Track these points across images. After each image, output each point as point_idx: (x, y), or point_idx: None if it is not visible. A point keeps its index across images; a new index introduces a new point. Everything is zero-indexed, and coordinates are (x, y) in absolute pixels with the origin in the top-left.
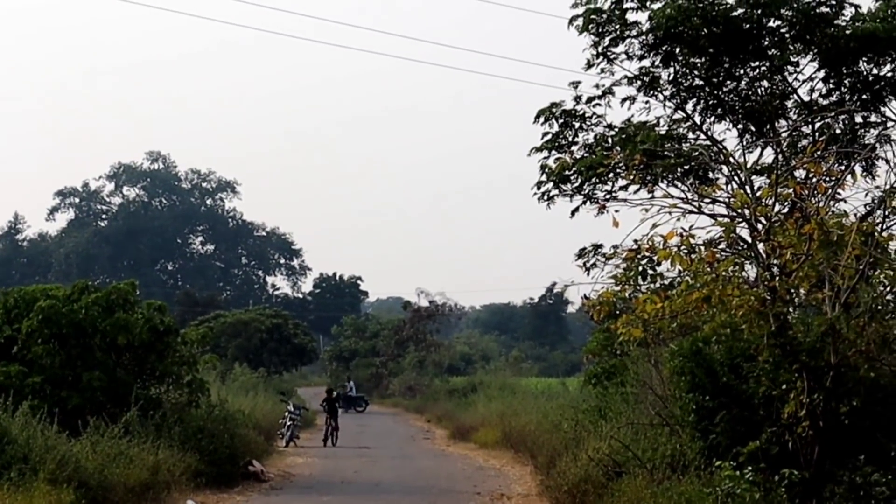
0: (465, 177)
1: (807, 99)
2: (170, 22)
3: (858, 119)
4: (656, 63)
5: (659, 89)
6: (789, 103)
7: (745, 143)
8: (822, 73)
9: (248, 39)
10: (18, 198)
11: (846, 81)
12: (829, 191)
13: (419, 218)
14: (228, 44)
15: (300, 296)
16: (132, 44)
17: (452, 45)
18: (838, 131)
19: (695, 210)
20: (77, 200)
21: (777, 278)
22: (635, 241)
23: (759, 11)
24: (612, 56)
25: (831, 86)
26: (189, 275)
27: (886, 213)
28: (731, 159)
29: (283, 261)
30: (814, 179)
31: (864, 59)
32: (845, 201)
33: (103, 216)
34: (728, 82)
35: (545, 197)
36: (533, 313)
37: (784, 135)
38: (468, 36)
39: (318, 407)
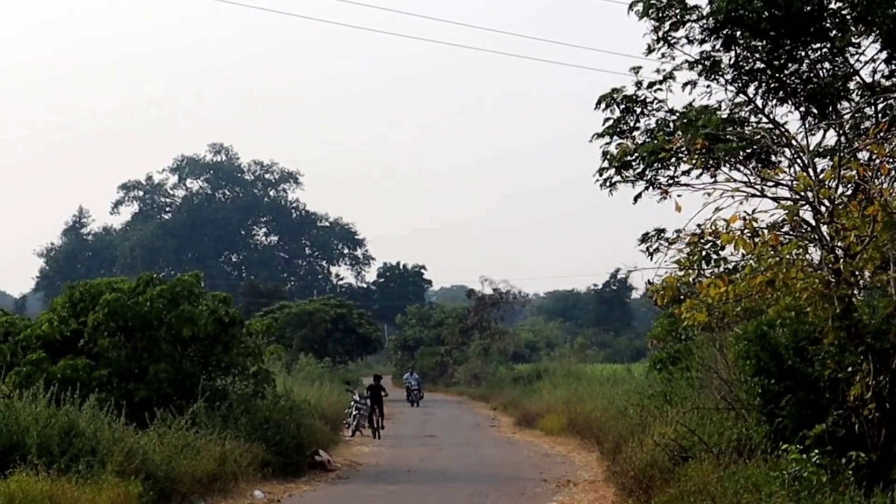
0: (526, 166)
1: (869, 80)
2: (236, 22)
3: None
4: (717, 47)
5: (720, 73)
6: (851, 85)
7: (807, 125)
8: (884, 55)
9: (315, 34)
10: (83, 192)
11: None
12: (893, 172)
13: (482, 206)
14: (294, 41)
15: (364, 286)
16: (199, 44)
17: (519, 33)
18: None
19: (757, 193)
20: (141, 193)
21: (841, 261)
22: (698, 225)
23: None
24: (673, 41)
25: (894, 67)
26: (253, 266)
27: None
28: (794, 142)
29: (346, 251)
30: (877, 161)
31: None
32: None
33: (167, 209)
34: (790, 65)
35: (607, 183)
36: (597, 300)
37: (846, 117)
38: (534, 26)
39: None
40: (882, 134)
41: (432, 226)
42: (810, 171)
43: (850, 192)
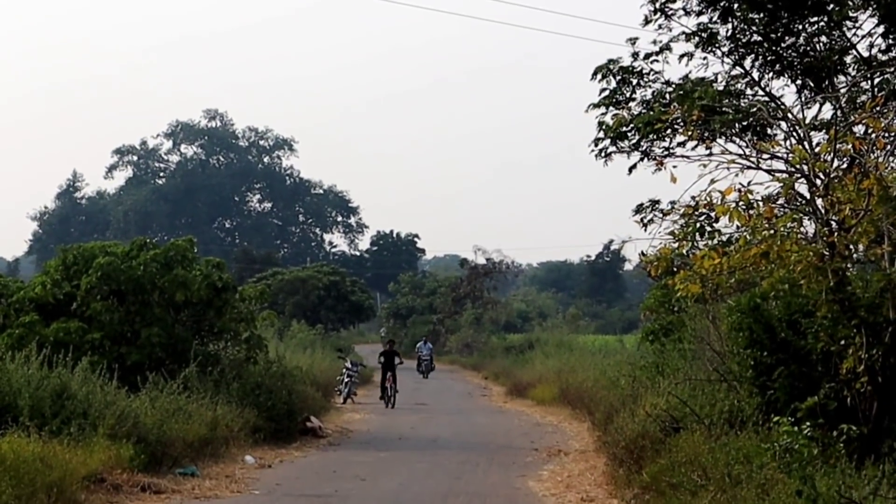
0: (520, 137)
1: (866, 54)
2: None
3: None
4: (714, 19)
5: (717, 45)
6: (848, 59)
7: (803, 98)
8: (881, 29)
9: (311, 2)
10: (77, 156)
11: None
12: (889, 146)
13: (477, 175)
14: (291, 9)
15: (357, 253)
16: (196, 11)
17: (515, 2)
18: None
19: (753, 166)
20: (135, 158)
21: (836, 234)
22: (693, 197)
23: None
24: (670, 12)
25: (891, 41)
26: (246, 233)
27: None
28: (790, 115)
29: (340, 218)
30: (873, 135)
31: None
32: None
33: (161, 174)
34: (786, 38)
35: (602, 154)
36: (590, 271)
37: (843, 90)
38: None
39: (376, 364)
40: (878, 108)
41: (426, 195)
42: (806, 144)
43: (845, 165)
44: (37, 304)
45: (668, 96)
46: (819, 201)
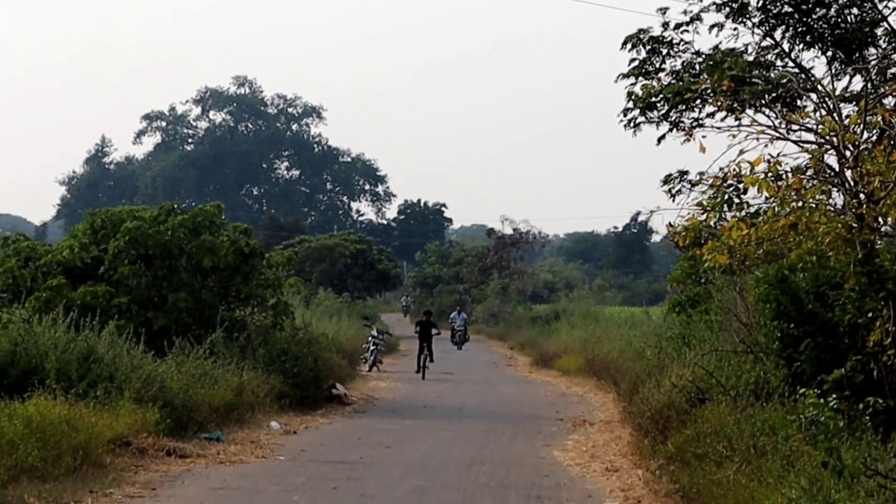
0: (549, 107)
1: None
2: None
3: None
4: None
5: (747, 16)
6: (879, 31)
7: (833, 70)
8: None
9: None
10: (106, 121)
11: None
12: None
13: (505, 145)
14: None
15: (384, 222)
16: None
17: None
18: None
19: (782, 137)
20: (164, 124)
21: (864, 206)
22: (721, 168)
23: None
24: None
25: None
26: (274, 200)
27: None
28: (820, 87)
29: (367, 187)
30: None
31: None
32: None
33: (189, 140)
34: (817, 9)
35: (631, 124)
36: (617, 242)
37: (873, 62)
38: None
39: (404, 333)
40: None
41: (454, 164)
42: (836, 115)
43: (875, 137)
44: (64, 268)
45: (697, 67)
46: (848, 173)
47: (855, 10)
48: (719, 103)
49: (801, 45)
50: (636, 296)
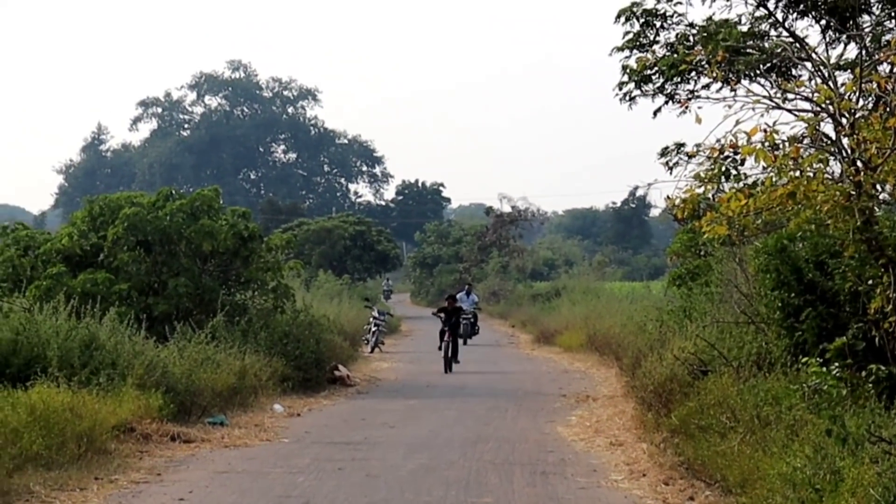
0: (546, 83)
1: None
2: None
3: None
4: None
5: None
6: None
7: (827, 38)
8: None
9: None
10: (102, 108)
11: None
12: None
13: (501, 123)
14: None
15: (382, 203)
16: None
17: None
18: None
19: (778, 106)
20: (159, 110)
21: (862, 173)
22: (718, 139)
23: None
24: None
25: None
26: (271, 183)
27: None
28: (814, 55)
29: (365, 168)
30: None
31: None
32: None
33: (185, 126)
34: None
35: (627, 97)
36: (615, 217)
37: (867, 29)
38: None
39: (406, 314)
40: None
41: (451, 143)
42: (831, 83)
43: (871, 104)
44: (64, 256)
45: (691, 38)
46: (845, 141)
47: None
48: (714, 74)
49: (795, 14)
50: (636, 270)
